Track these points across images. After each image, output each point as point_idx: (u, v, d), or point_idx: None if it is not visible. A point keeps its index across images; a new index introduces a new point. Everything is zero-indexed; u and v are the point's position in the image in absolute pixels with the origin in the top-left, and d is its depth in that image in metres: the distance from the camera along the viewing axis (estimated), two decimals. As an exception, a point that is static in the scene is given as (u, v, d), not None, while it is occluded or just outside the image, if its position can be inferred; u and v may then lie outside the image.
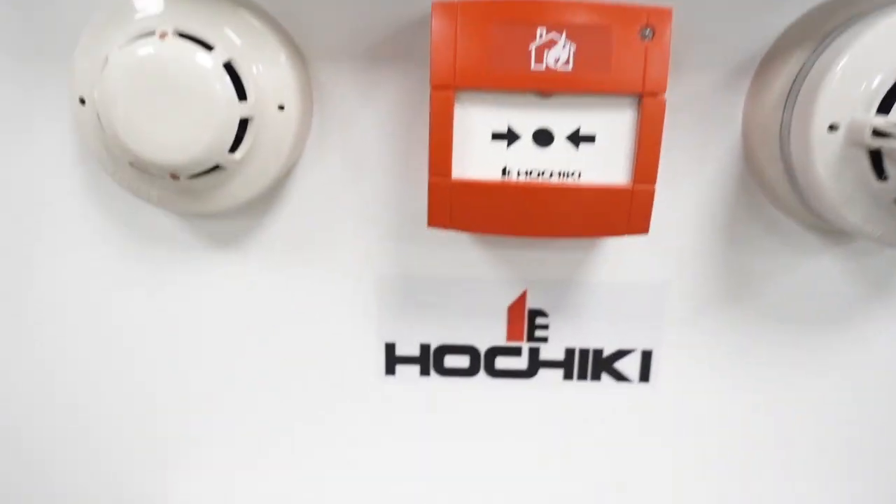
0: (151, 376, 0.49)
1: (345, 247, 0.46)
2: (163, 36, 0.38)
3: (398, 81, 0.43)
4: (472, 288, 0.47)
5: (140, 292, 0.48)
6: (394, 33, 0.41)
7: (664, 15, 0.35)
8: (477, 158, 0.38)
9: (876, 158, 0.36)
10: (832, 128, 0.37)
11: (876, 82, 0.36)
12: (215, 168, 0.40)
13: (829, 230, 0.45)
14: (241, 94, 0.39)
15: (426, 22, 0.39)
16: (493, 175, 0.38)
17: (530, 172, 0.38)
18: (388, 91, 0.43)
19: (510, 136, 0.37)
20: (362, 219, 0.46)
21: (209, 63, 0.38)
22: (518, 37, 0.35)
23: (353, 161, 0.44)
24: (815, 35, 0.39)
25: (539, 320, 0.48)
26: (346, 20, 0.41)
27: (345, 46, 0.42)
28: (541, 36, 0.35)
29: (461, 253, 0.46)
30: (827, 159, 0.37)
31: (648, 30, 0.35)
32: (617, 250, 0.46)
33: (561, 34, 0.35)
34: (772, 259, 0.46)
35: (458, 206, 0.38)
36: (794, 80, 0.40)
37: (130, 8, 0.40)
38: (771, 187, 0.43)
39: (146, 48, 0.37)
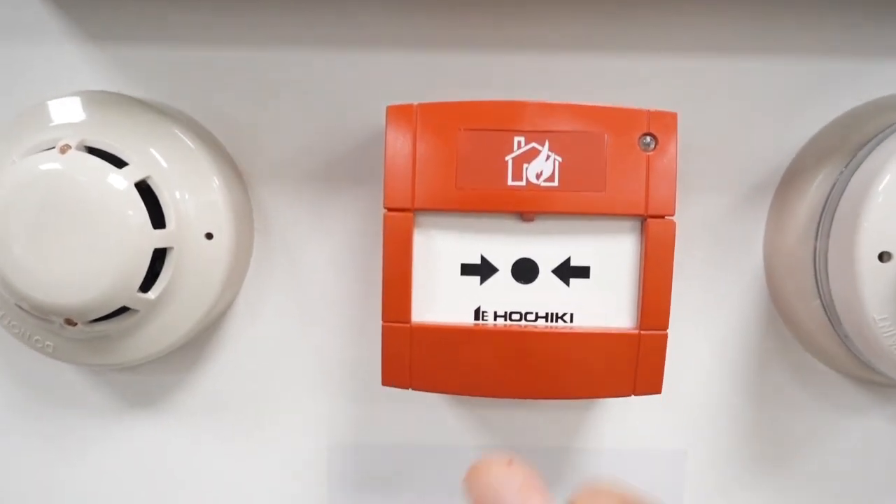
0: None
1: (288, 410, 0.39)
2: (64, 150, 0.31)
3: (354, 205, 0.37)
4: (446, 458, 0.39)
5: (35, 459, 0.40)
6: (348, 150, 0.36)
7: (668, 120, 0.29)
8: (443, 298, 0.30)
9: (943, 295, 0.29)
10: (883, 257, 0.30)
11: (934, 201, 0.29)
12: (123, 311, 0.33)
13: (880, 382, 0.37)
14: (159, 221, 0.32)
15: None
16: (464, 319, 0.30)
17: (510, 315, 0.30)
18: (342, 217, 0.37)
19: (484, 270, 0.30)
20: (311, 375, 0.38)
21: (118, 182, 0.31)
22: (491, 146, 0.29)
23: (300, 302, 0.38)
24: (845, 148, 0.34)
25: (529, 498, 0.38)
26: (291, 137, 0.36)
27: (291, 165, 0.36)
28: (519, 145, 0.29)
29: (431, 415, 0.39)
30: (879, 296, 0.30)
31: (650, 138, 0.29)
32: (622, 410, 0.39)
33: (543, 143, 0.29)
34: (809, 418, 0.39)
35: (419, 360, 0.30)
36: (826, 202, 0.33)
37: (45, 114, 0.34)
38: (804, 329, 0.36)
39: (43, 163, 0.31)
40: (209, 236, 0.34)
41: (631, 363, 0.30)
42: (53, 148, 0.32)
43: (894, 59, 0.35)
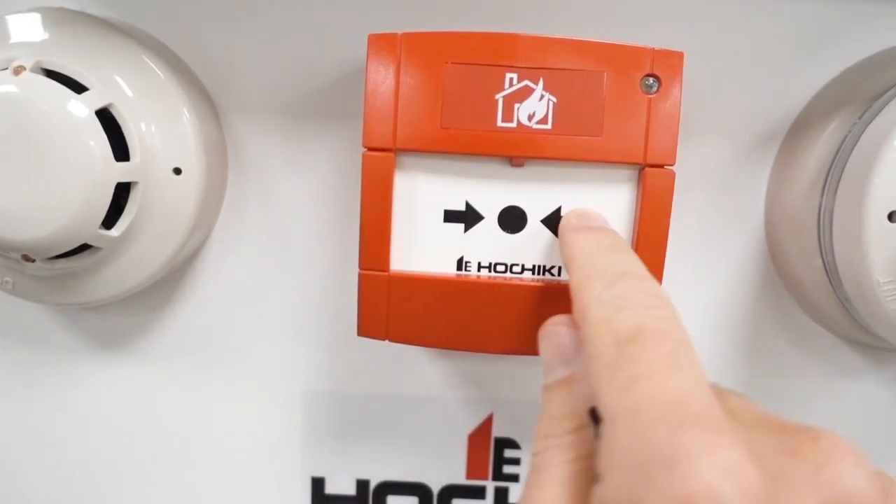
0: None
1: (263, 354, 0.37)
2: (18, 71, 0.29)
3: (336, 140, 0.35)
4: (424, 410, 0.38)
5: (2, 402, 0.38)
6: (331, 81, 0.34)
7: (674, 60, 0.26)
8: (425, 246, 0.28)
9: (954, 259, 0.27)
10: (893, 217, 0.28)
11: (952, 158, 0.27)
12: (84, 248, 0.31)
13: (877, 346, 0.35)
14: (123, 154, 0.30)
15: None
16: (446, 269, 0.29)
17: (495, 266, 0.28)
18: (322, 153, 0.35)
19: (469, 217, 0.28)
20: (286, 318, 0.37)
21: (77, 109, 0.29)
22: (480, 83, 0.26)
23: (276, 242, 0.36)
24: (859, 98, 0.31)
25: (508, 453, 0.38)
26: (269, 67, 0.33)
27: (269, 98, 0.34)
28: (511, 83, 0.26)
29: (410, 365, 0.37)
30: (886, 257, 0.28)
31: (653, 79, 0.26)
32: (608, 365, 0.36)
33: (537, 82, 0.26)
34: (805, 380, 0.37)
35: (397, 311, 0.28)
36: (836, 156, 0.31)
37: (3, 31, 0.31)
38: (804, 291, 0.34)
39: (-4, 86, 0.28)
40: (178, 171, 0.32)
41: (621, 320, 0.28)
42: (6, 69, 0.29)
43: (919, 4, 0.33)
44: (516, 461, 0.38)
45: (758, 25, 0.33)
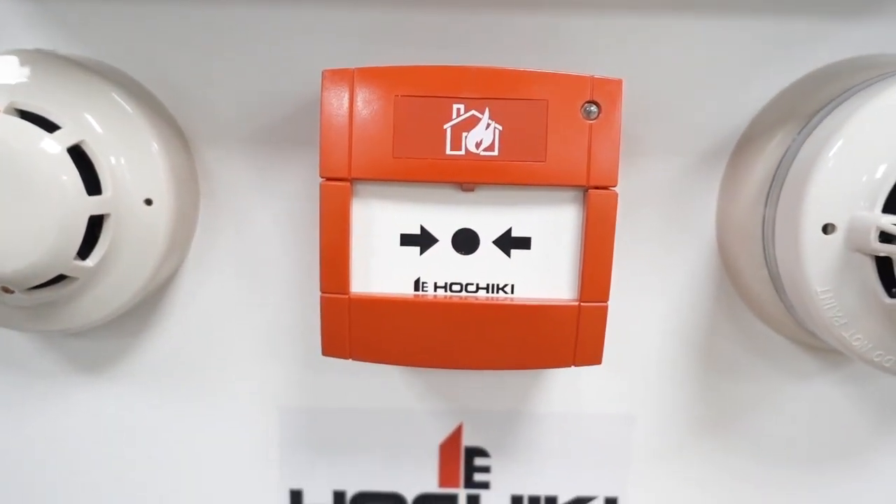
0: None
1: (238, 374, 0.38)
2: (-8, 113, 0.30)
3: (304, 168, 0.36)
4: (396, 421, 0.39)
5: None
6: (297, 110, 0.35)
7: (613, 87, 0.28)
8: (383, 269, 0.30)
9: (884, 268, 0.29)
10: (827, 229, 0.29)
11: (880, 172, 0.28)
12: (61, 278, 0.32)
13: (827, 349, 0.37)
14: (95, 187, 0.32)
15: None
16: (404, 290, 0.30)
17: (450, 286, 0.30)
18: (290, 180, 0.36)
19: (424, 240, 0.30)
20: (260, 338, 0.38)
21: (51, 147, 0.30)
22: (429, 114, 0.28)
23: (248, 266, 0.37)
24: (800, 113, 0.33)
25: (478, 461, 0.39)
26: (237, 98, 0.35)
27: (238, 128, 0.35)
28: (458, 113, 0.28)
29: (381, 379, 0.39)
30: (822, 268, 0.30)
31: (593, 106, 0.28)
32: (572, 375, 0.39)
33: (483, 111, 0.28)
34: (758, 384, 0.39)
35: (359, 331, 0.29)
36: (777, 169, 0.33)
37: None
38: (756, 298, 0.36)
39: (-29, 127, 0.30)
40: (149, 202, 0.33)
41: (571, 335, 0.29)
42: (-18, 110, 0.31)
43: (855, 21, 0.34)
44: (486, 469, 0.39)
45: (701, 46, 0.34)
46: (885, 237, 0.28)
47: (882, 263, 0.29)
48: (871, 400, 0.39)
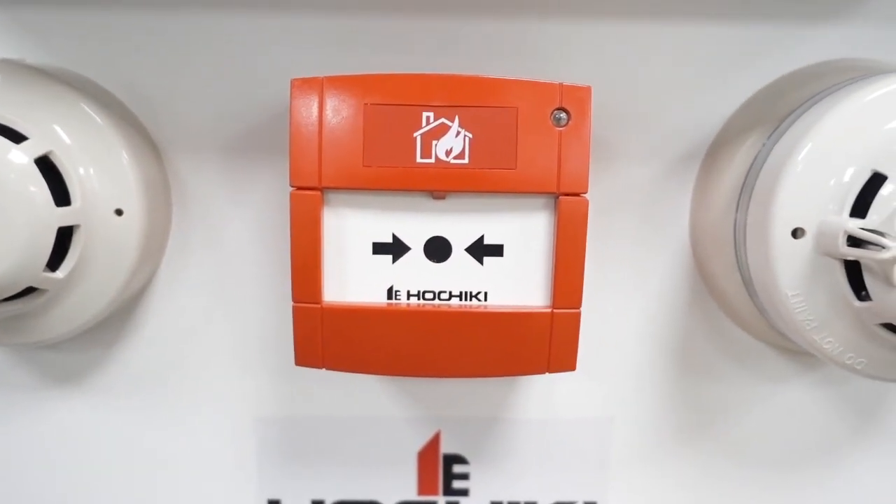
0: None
1: (214, 385, 0.38)
2: (-44, 125, 0.30)
3: (276, 176, 0.36)
4: (374, 430, 0.39)
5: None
6: (269, 119, 0.35)
7: (581, 94, 0.28)
8: (355, 278, 0.30)
9: (853, 271, 0.29)
10: (797, 233, 0.29)
11: (848, 175, 0.29)
12: (31, 290, 0.32)
13: (800, 351, 0.37)
14: (64, 198, 0.31)
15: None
16: (377, 298, 0.30)
17: (423, 294, 0.30)
18: (263, 188, 0.36)
19: (396, 249, 0.30)
20: (235, 348, 0.38)
21: (18, 158, 0.30)
22: (399, 122, 0.28)
23: (222, 276, 0.37)
24: (770, 117, 0.33)
25: (457, 468, 0.39)
26: (208, 106, 0.35)
27: (210, 136, 0.35)
28: (428, 121, 0.28)
29: (359, 387, 0.38)
30: (792, 272, 0.30)
31: (563, 113, 0.28)
32: (549, 380, 0.39)
33: (453, 119, 0.28)
34: (733, 386, 0.39)
35: (332, 340, 0.29)
36: (748, 174, 0.33)
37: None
38: (729, 302, 0.36)
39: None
40: (119, 212, 0.33)
41: (544, 341, 0.29)
42: (-54, 122, 0.30)
43: (824, 26, 0.34)
44: (465, 476, 0.39)
45: (671, 52, 0.34)
46: (854, 241, 0.28)
47: (851, 267, 0.29)
48: (844, 402, 0.39)
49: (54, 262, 0.32)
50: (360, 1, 0.33)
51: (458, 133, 0.28)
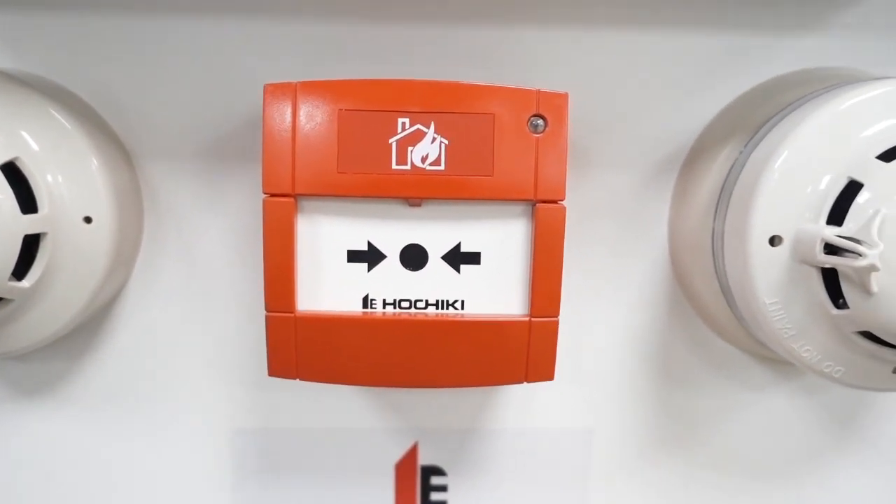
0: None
1: (187, 396, 0.37)
2: (-83, 131, 0.29)
3: (249, 183, 0.35)
4: (350, 441, 0.38)
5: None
6: (241, 125, 0.34)
7: (559, 101, 0.28)
8: (330, 286, 0.29)
9: (831, 279, 0.29)
10: (774, 241, 0.29)
11: (824, 183, 0.29)
12: (-4, 300, 0.31)
13: (779, 359, 0.37)
14: (31, 205, 0.30)
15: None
16: (352, 307, 0.29)
17: (399, 303, 0.29)
18: (237, 195, 0.36)
19: (372, 256, 0.29)
20: (208, 359, 0.37)
21: (-17, 165, 0.29)
22: (374, 128, 0.27)
23: (195, 284, 0.36)
24: (747, 126, 0.33)
25: (435, 480, 0.39)
26: (180, 112, 0.34)
27: (181, 142, 0.35)
28: (403, 127, 0.27)
29: (335, 398, 0.38)
30: (769, 280, 0.30)
31: (540, 120, 0.28)
32: (528, 390, 0.38)
33: (429, 125, 0.27)
34: (712, 395, 0.39)
35: (306, 350, 0.29)
36: (725, 181, 0.33)
37: None
38: (708, 310, 0.36)
39: None
40: (88, 220, 0.32)
41: (522, 350, 0.29)
42: None
43: (800, 35, 0.35)
44: (443, 488, 0.39)
45: (648, 60, 0.34)
46: (830, 249, 0.28)
47: (828, 275, 0.29)
48: (823, 410, 0.39)
49: (20, 270, 0.31)
50: (334, 8, 0.33)
51: (433, 139, 0.28)
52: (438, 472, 0.39)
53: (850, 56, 0.34)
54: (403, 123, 0.27)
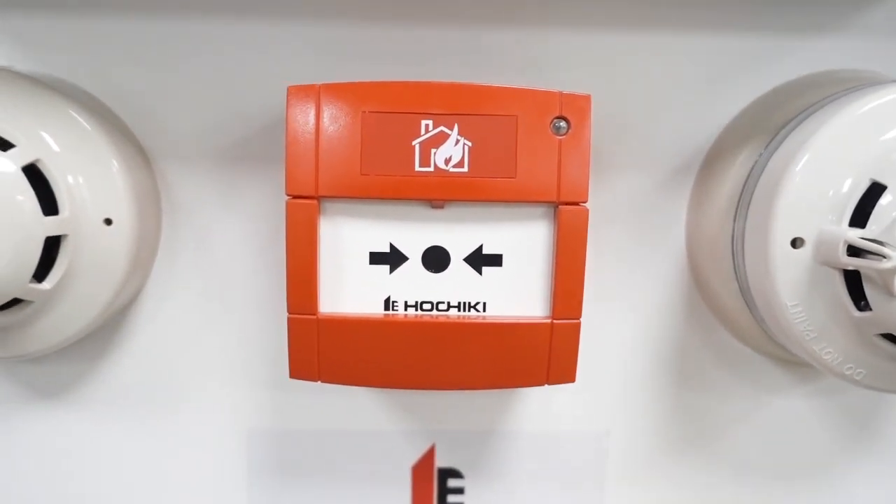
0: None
1: (204, 397, 0.37)
2: (-61, 131, 0.29)
3: (269, 185, 0.35)
4: (367, 444, 0.38)
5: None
6: (261, 126, 0.34)
7: (581, 102, 0.28)
8: (352, 288, 0.29)
9: (853, 281, 0.29)
10: (796, 243, 0.29)
11: (846, 186, 0.29)
12: (16, 302, 0.31)
13: (798, 362, 0.37)
14: (52, 207, 0.31)
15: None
16: (374, 309, 0.29)
17: (421, 305, 0.29)
18: (256, 197, 0.35)
19: (394, 258, 0.29)
20: (226, 360, 0.37)
21: (5, 166, 0.29)
22: (397, 130, 0.28)
23: (213, 286, 0.36)
24: (767, 127, 0.33)
25: (452, 482, 0.39)
26: (199, 114, 0.34)
27: (201, 144, 0.35)
28: (427, 129, 0.27)
29: (351, 400, 0.38)
30: (791, 282, 0.30)
31: (563, 122, 0.28)
32: (545, 392, 0.38)
33: (452, 127, 0.27)
34: (730, 398, 0.39)
35: (328, 352, 0.29)
36: (745, 183, 0.33)
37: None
38: (726, 312, 0.36)
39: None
40: (108, 222, 0.32)
41: (544, 352, 0.29)
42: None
43: (819, 36, 0.34)
44: (460, 490, 0.39)
45: (669, 62, 0.34)
46: (853, 251, 0.28)
47: (850, 277, 0.29)
48: (842, 412, 0.39)
49: (41, 272, 0.31)
50: (356, 9, 0.33)
51: (457, 141, 0.28)
52: (455, 474, 0.39)
53: (870, 59, 0.34)
54: (427, 125, 0.28)
